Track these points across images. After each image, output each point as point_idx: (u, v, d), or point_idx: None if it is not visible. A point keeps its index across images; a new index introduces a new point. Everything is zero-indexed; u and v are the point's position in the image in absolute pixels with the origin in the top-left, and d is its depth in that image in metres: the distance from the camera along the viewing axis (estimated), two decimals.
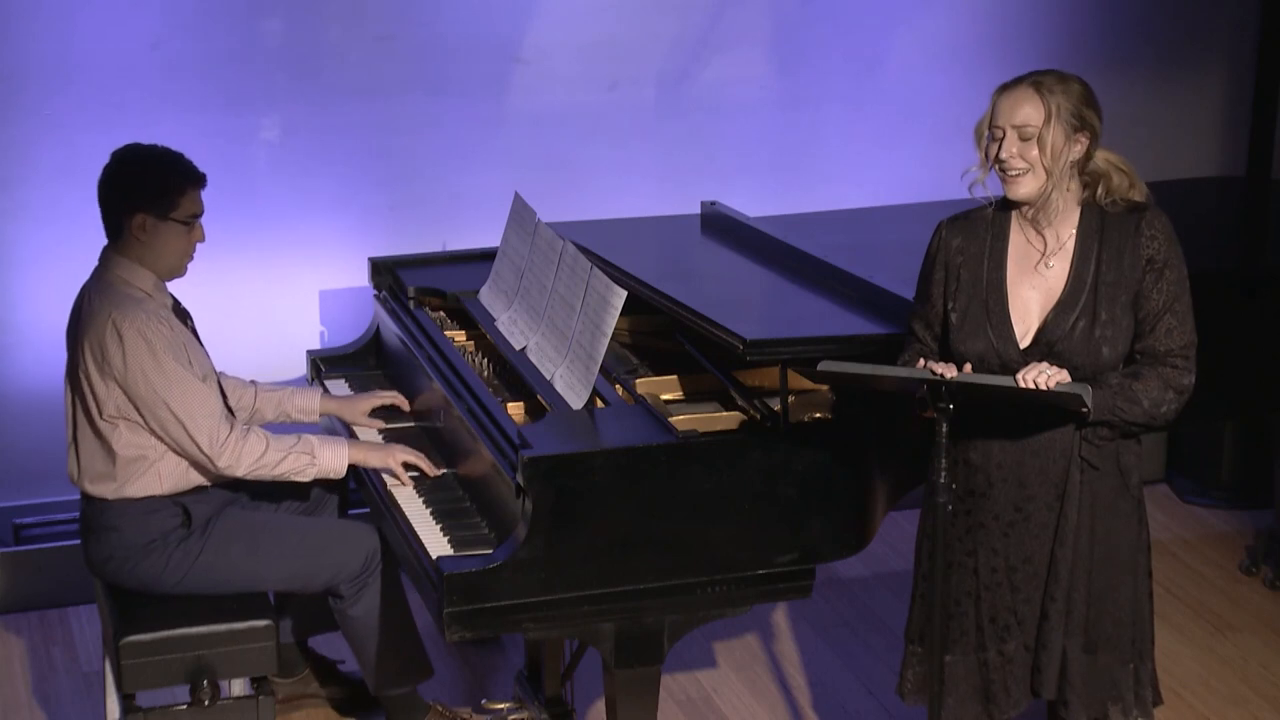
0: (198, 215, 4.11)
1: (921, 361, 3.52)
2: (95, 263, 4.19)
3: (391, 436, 4.41)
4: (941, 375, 3.39)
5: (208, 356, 4.20)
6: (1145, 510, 3.64)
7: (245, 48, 5.26)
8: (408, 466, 4.17)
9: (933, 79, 5.85)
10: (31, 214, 5.19)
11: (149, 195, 4.05)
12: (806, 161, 5.81)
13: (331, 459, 4.15)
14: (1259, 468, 5.81)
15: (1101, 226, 3.53)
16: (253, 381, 4.48)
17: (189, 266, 4.18)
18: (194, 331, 4.21)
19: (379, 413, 4.51)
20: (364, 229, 5.44)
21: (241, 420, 4.32)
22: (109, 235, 4.14)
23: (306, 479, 4.16)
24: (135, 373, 3.99)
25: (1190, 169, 6.10)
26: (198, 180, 4.10)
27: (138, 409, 4.03)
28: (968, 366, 3.49)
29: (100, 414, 4.05)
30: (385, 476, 4.19)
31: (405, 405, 4.49)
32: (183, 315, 4.21)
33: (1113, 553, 3.59)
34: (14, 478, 5.33)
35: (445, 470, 4.17)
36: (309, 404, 4.48)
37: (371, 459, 4.19)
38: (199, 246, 4.17)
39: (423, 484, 4.15)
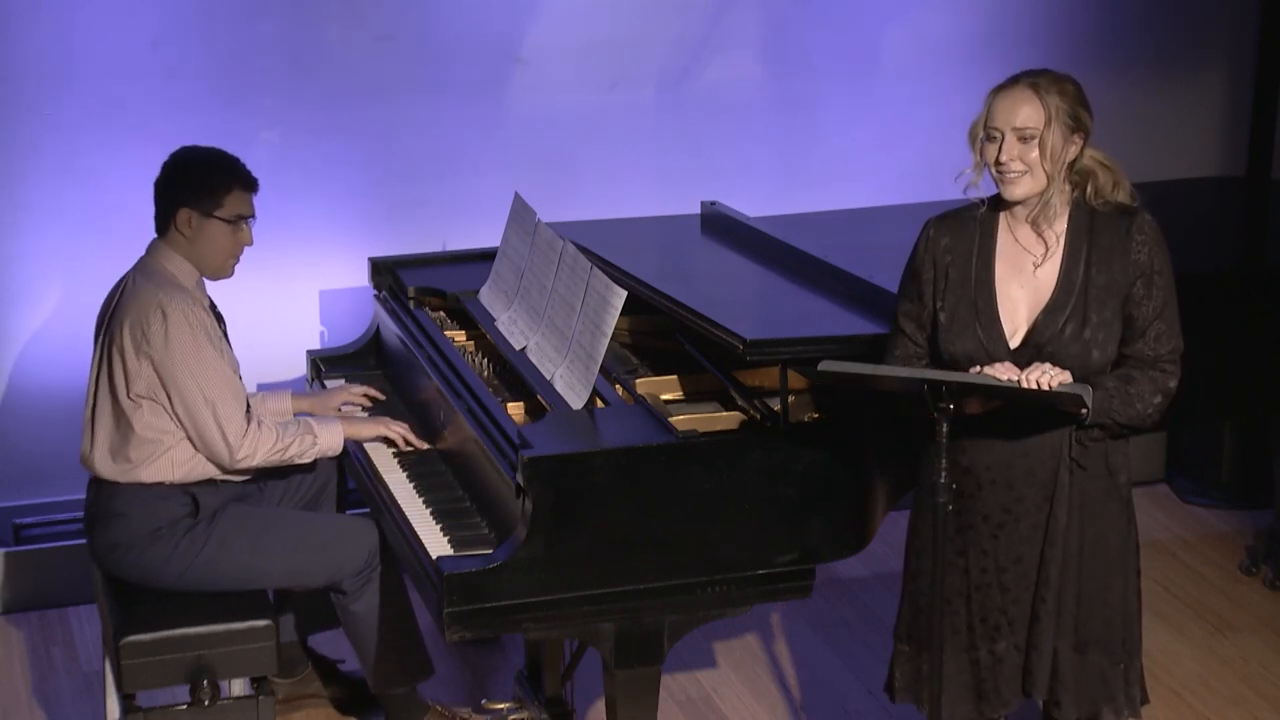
0: (245, 216, 4.19)
1: (978, 367, 3.49)
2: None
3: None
4: (1012, 379, 3.38)
5: (235, 359, 4.25)
6: (1134, 510, 3.64)
7: (245, 48, 5.26)
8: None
9: (932, 79, 5.85)
10: (32, 214, 5.18)
11: (196, 191, 4.13)
12: (806, 161, 5.81)
13: (329, 437, 4.27)
14: (1259, 468, 5.81)
15: (1090, 227, 3.52)
16: None
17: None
18: (225, 335, 4.27)
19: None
20: (364, 229, 5.44)
21: None
22: (158, 228, 4.20)
23: (308, 460, 4.26)
24: (175, 353, 4.04)
25: (1190, 169, 6.10)
26: (247, 182, 4.19)
27: (167, 391, 4.07)
28: (1030, 376, 3.41)
29: (128, 391, 4.09)
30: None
31: (377, 396, 4.57)
32: (217, 317, 4.27)
33: (1102, 553, 3.59)
34: (14, 478, 5.33)
35: (428, 447, 4.30)
36: (281, 406, 4.52)
37: (365, 431, 4.33)
38: None
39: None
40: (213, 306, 4.26)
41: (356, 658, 4.41)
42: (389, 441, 4.33)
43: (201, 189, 4.13)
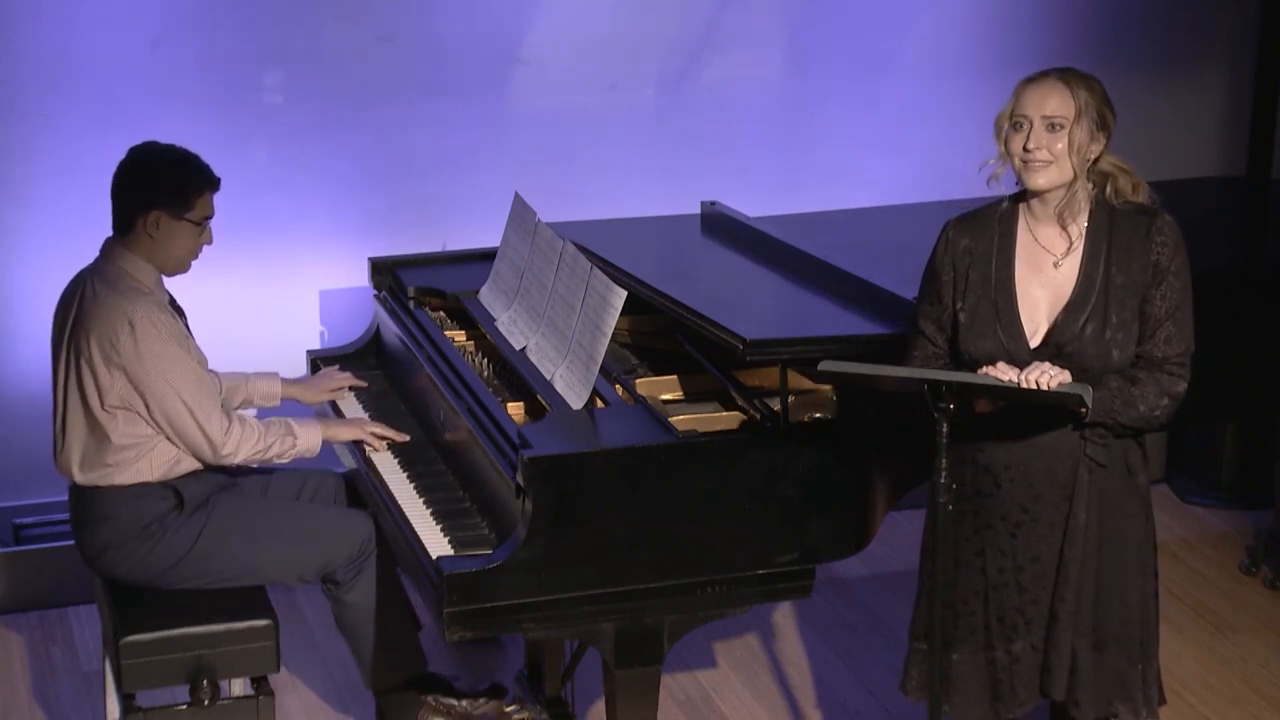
0: (209, 218, 4.17)
1: (986, 368, 3.49)
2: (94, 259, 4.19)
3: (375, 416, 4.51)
4: (1012, 379, 3.38)
5: (200, 352, 4.22)
6: (1151, 509, 3.64)
7: (245, 48, 5.26)
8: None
9: (932, 79, 5.85)
10: (31, 213, 5.19)
11: (166, 193, 4.10)
12: (807, 162, 5.81)
13: (307, 438, 4.26)
14: (1259, 468, 5.81)
15: (1111, 227, 3.52)
16: (212, 370, 4.49)
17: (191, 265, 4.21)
18: (187, 327, 4.24)
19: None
20: (364, 229, 5.44)
21: None
22: (117, 228, 4.16)
23: (287, 460, 4.27)
24: (147, 362, 4.02)
25: (1190, 169, 6.10)
26: (214, 183, 4.17)
27: (145, 399, 4.06)
28: (1030, 376, 3.42)
29: (102, 404, 4.07)
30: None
31: (360, 383, 4.62)
32: (178, 311, 4.24)
33: (1121, 552, 3.59)
34: (14, 478, 5.33)
35: (406, 438, 4.34)
36: (271, 389, 4.54)
37: (342, 434, 4.34)
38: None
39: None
40: (172, 301, 4.23)
41: (352, 655, 4.41)
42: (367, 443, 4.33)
43: (172, 190, 4.09)
